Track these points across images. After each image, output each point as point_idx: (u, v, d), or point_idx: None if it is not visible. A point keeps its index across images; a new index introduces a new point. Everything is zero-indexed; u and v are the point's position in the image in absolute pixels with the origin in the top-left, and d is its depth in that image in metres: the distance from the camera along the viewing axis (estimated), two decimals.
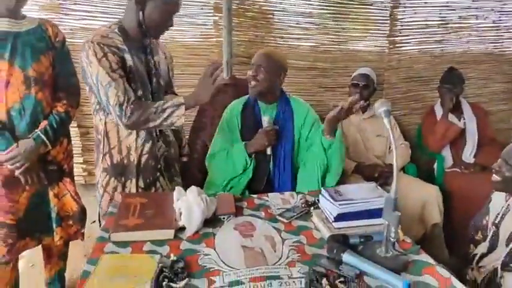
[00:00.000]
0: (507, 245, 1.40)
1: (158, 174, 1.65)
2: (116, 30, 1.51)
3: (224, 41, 2.61)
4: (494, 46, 3.19)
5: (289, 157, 1.77)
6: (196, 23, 2.65)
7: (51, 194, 1.71)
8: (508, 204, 1.45)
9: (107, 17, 2.48)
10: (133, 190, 1.60)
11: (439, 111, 2.73)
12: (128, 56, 1.49)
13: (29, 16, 1.62)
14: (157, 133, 1.64)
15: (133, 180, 1.59)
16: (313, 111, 1.89)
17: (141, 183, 1.61)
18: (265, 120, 1.75)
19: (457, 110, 2.68)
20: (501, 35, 3.18)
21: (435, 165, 2.69)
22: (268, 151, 1.75)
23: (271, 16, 2.77)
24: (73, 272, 2.18)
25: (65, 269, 2.08)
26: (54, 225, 1.74)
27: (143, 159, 1.60)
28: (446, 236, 2.26)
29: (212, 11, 2.64)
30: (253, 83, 1.76)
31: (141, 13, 1.47)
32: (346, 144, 2.57)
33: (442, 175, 2.61)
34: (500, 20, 3.13)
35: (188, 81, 2.70)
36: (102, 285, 0.96)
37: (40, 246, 1.84)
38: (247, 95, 1.89)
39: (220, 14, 2.62)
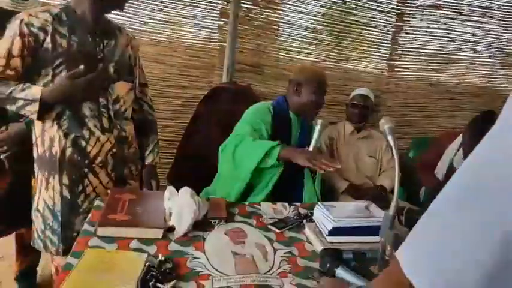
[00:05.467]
0: None
1: (86, 170, 1.45)
2: (56, 10, 1.36)
3: (227, 46, 2.60)
4: (489, 81, 3.27)
5: (302, 171, 1.76)
6: (200, 25, 2.64)
7: (34, 183, 1.64)
8: None
9: None
10: (57, 187, 1.42)
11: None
12: (56, 38, 1.32)
13: None
14: (103, 125, 1.44)
15: (56, 177, 1.41)
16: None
17: (65, 180, 1.42)
18: (315, 139, 1.67)
19: None
20: (495, 71, 3.26)
21: (422, 190, 2.70)
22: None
23: (276, 27, 2.78)
24: (45, 268, 2.07)
25: (38, 264, 1.99)
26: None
27: (68, 152, 1.41)
28: None
29: (218, 15, 2.64)
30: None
31: None
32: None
33: (428, 200, 2.62)
34: (496, 56, 3.21)
35: (185, 82, 2.68)
36: (85, 279, 0.91)
37: (13, 236, 1.77)
38: (266, 103, 1.83)
39: (226, 20, 2.62)
